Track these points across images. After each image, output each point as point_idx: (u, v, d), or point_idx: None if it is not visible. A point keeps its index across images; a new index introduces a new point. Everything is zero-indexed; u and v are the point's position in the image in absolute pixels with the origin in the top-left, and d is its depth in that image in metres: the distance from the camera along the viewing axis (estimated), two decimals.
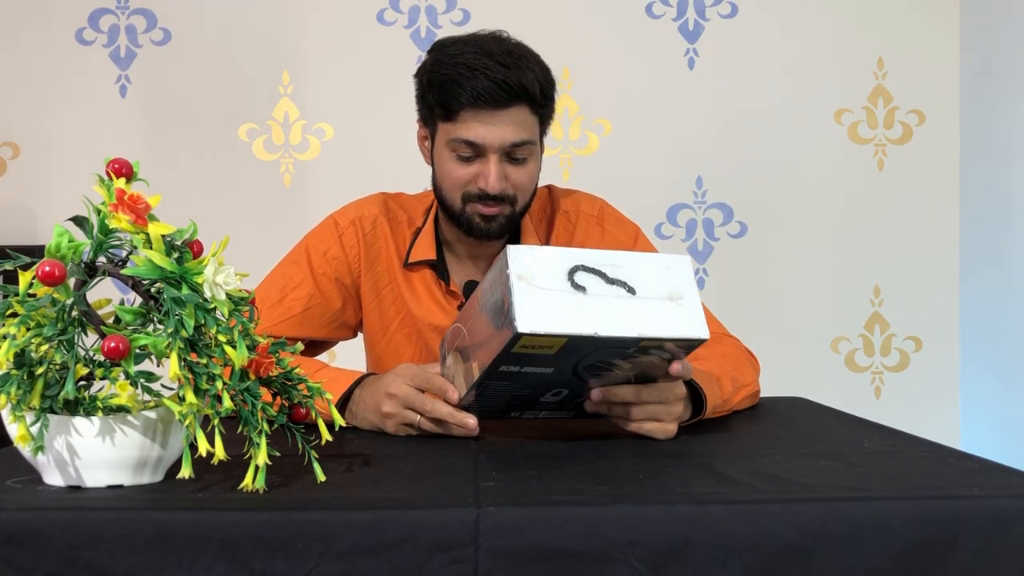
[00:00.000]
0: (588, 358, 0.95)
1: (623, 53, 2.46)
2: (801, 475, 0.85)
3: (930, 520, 0.75)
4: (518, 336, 0.89)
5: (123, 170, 0.80)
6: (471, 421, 1.04)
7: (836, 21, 2.47)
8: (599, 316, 0.91)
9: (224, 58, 2.43)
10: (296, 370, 0.87)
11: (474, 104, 1.23)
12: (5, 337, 0.77)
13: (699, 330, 0.95)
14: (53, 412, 0.80)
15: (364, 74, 2.43)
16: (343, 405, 1.14)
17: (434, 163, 1.34)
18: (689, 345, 0.97)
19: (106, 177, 0.79)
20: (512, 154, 1.27)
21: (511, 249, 0.94)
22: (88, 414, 0.80)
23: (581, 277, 0.93)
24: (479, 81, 1.22)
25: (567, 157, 2.45)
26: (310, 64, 2.46)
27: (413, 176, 1.62)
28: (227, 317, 0.79)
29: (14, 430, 0.77)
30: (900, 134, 2.49)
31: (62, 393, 0.77)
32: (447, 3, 2.45)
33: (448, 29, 2.43)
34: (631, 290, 0.94)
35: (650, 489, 0.82)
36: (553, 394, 1.03)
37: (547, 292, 0.91)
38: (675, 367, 1.00)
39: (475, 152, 1.26)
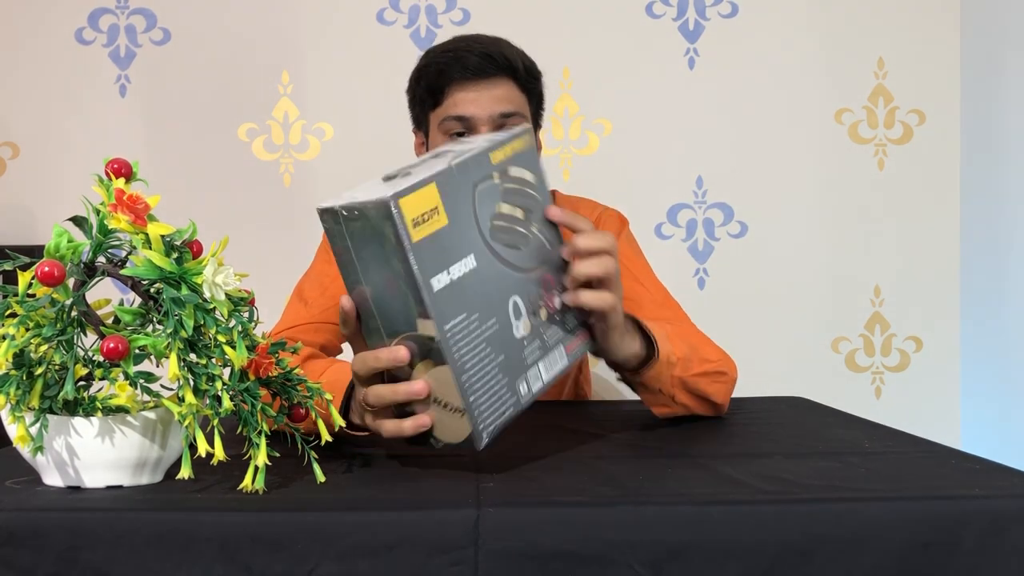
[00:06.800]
0: (480, 215, 0.87)
1: (623, 53, 2.45)
2: (801, 475, 0.84)
3: (931, 521, 0.74)
4: (394, 203, 0.79)
5: (122, 170, 0.80)
6: (401, 352, 0.83)
7: (836, 21, 2.47)
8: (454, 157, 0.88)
9: (224, 58, 2.43)
10: (296, 370, 0.87)
11: (461, 78, 1.27)
12: (4, 337, 0.77)
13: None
14: (52, 412, 0.79)
15: (364, 74, 2.43)
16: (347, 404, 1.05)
17: None
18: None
19: (105, 177, 0.79)
20: (503, 127, 1.28)
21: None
22: (87, 414, 0.80)
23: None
24: (463, 58, 1.27)
25: (567, 157, 2.45)
26: (310, 64, 2.45)
27: None
28: (226, 317, 0.79)
29: (13, 430, 0.77)
30: (900, 134, 2.48)
31: (61, 393, 0.77)
32: (447, 3, 2.45)
33: (448, 29, 2.43)
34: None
35: (650, 490, 0.81)
36: (528, 312, 0.90)
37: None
38: (553, 212, 0.91)
39: (466, 127, 1.28)
